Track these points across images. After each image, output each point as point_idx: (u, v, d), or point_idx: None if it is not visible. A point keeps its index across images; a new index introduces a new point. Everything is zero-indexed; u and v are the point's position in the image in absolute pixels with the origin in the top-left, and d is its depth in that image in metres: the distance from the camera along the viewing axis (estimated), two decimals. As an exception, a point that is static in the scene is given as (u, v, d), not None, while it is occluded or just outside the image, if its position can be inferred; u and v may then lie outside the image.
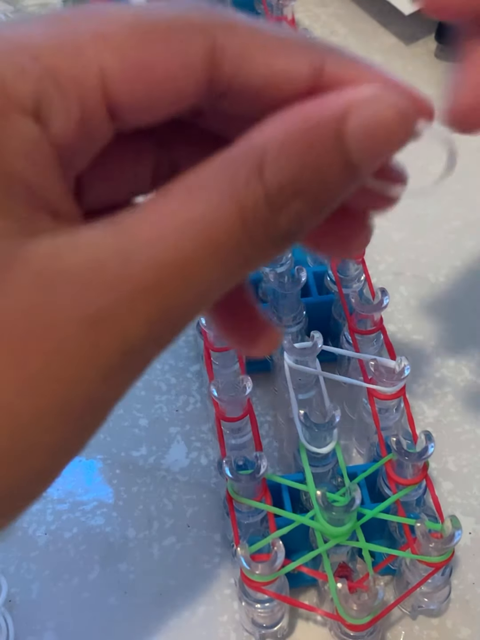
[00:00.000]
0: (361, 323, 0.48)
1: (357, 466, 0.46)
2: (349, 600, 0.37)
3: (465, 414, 0.52)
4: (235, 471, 0.41)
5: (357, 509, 0.39)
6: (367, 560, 0.40)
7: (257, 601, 0.41)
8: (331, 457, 0.43)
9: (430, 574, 0.40)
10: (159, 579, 0.47)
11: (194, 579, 0.47)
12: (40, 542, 0.48)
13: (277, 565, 0.38)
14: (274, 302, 0.49)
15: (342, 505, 0.39)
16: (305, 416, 0.42)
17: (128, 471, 0.51)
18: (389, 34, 0.74)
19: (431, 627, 0.45)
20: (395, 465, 0.42)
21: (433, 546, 0.39)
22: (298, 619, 0.45)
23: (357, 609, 0.37)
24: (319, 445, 0.43)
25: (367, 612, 0.38)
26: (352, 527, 0.40)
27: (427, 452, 0.41)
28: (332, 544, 0.40)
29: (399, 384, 0.44)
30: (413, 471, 0.42)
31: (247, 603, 0.41)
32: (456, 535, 0.39)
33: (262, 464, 0.41)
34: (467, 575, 0.46)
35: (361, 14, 0.76)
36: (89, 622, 0.46)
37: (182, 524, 0.49)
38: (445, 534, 0.39)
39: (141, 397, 0.54)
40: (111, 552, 0.48)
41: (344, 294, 0.49)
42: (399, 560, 0.42)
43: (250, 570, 0.38)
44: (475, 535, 0.48)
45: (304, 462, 0.42)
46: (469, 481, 0.50)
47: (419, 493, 0.43)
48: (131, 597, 0.46)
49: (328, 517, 0.40)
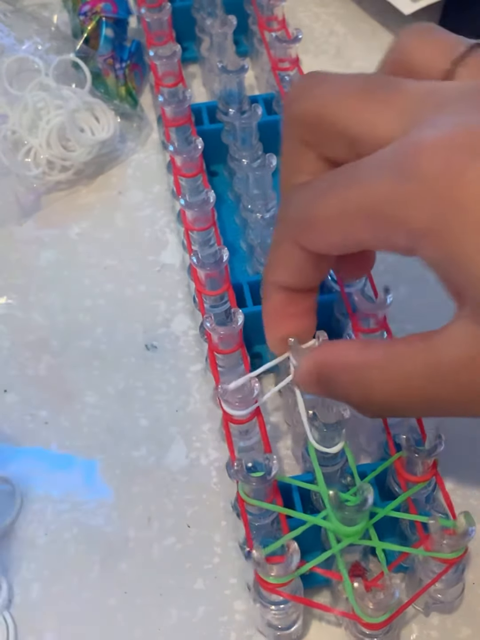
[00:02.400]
0: (364, 322, 0.48)
1: (366, 465, 0.46)
2: (365, 599, 0.38)
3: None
4: (247, 473, 0.41)
5: (369, 508, 0.40)
6: (382, 558, 0.40)
7: (272, 603, 0.41)
8: (340, 456, 0.43)
9: (445, 571, 0.40)
10: (159, 579, 0.47)
11: (194, 579, 0.46)
12: (40, 542, 0.48)
13: (293, 567, 0.38)
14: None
15: (354, 504, 0.39)
16: (314, 416, 0.42)
17: (128, 471, 0.51)
18: (389, 34, 0.75)
19: (431, 627, 0.45)
20: (405, 463, 0.42)
21: (447, 543, 0.39)
22: (312, 620, 0.45)
23: (373, 608, 0.38)
24: (327, 445, 0.43)
25: (384, 611, 0.38)
26: (364, 527, 0.40)
27: (437, 449, 0.41)
28: (345, 543, 0.40)
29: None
30: (423, 468, 0.42)
31: (262, 605, 0.41)
32: (470, 532, 0.39)
33: (273, 466, 0.41)
34: (467, 575, 0.46)
35: (361, 14, 0.76)
36: (89, 622, 0.45)
37: (182, 524, 0.49)
38: (459, 530, 0.39)
39: (141, 397, 0.54)
40: (111, 552, 0.48)
41: (347, 293, 0.49)
42: (412, 558, 0.42)
43: (265, 572, 0.38)
44: (476, 535, 0.47)
45: (314, 462, 0.42)
46: (469, 481, 0.50)
47: (429, 490, 0.43)
48: (131, 597, 0.46)
49: (340, 517, 0.40)
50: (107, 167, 0.66)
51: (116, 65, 0.67)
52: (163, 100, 0.58)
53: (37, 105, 0.64)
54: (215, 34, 0.64)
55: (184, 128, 0.59)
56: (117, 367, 0.55)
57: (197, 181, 0.55)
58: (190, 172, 0.55)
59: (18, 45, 0.66)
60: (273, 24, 0.66)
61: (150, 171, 0.66)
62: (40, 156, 0.63)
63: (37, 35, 0.66)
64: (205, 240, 0.53)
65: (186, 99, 0.58)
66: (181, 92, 0.59)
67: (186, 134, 0.59)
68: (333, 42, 0.75)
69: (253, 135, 0.58)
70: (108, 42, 0.67)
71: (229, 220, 0.60)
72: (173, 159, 0.55)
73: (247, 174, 0.55)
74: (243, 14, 0.70)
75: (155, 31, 0.65)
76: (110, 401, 0.54)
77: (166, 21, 0.65)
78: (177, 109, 0.58)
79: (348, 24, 0.76)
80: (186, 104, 0.58)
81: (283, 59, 0.63)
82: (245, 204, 0.55)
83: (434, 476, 0.43)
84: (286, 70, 0.62)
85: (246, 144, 0.58)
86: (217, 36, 0.64)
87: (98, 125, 0.65)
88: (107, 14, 0.67)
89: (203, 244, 0.53)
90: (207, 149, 0.61)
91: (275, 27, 0.66)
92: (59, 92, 0.64)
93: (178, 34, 0.70)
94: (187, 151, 0.55)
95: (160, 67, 0.62)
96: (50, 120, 0.63)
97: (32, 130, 0.63)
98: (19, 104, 0.63)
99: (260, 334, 0.51)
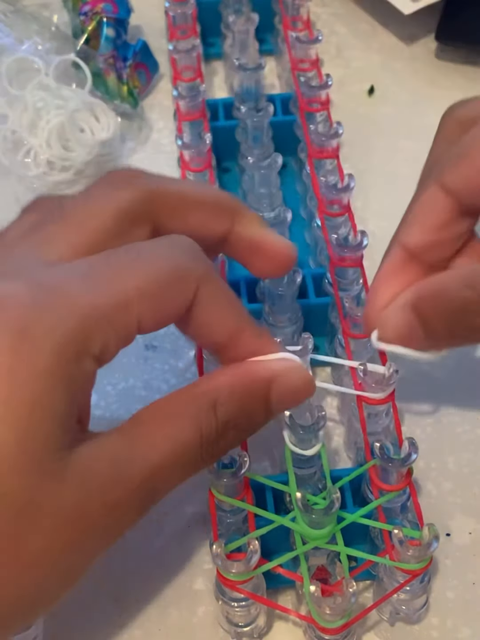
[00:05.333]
0: (356, 327, 0.48)
1: (342, 470, 0.45)
2: (322, 603, 0.37)
3: (465, 414, 0.52)
4: (218, 469, 0.41)
5: (336, 512, 0.39)
6: (344, 563, 0.40)
7: (233, 600, 0.41)
8: (317, 459, 0.43)
9: (407, 581, 0.40)
10: (159, 579, 0.47)
11: (194, 579, 0.46)
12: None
13: (251, 565, 0.38)
14: (269, 303, 0.49)
15: (321, 508, 0.39)
16: (290, 418, 0.42)
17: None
18: (389, 34, 0.74)
19: (431, 627, 0.44)
20: (380, 470, 0.42)
21: (411, 554, 0.39)
22: (276, 620, 0.45)
23: (330, 612, 0.37)
24: (304, 447, 0.42)
25: (341, 616, 0.37)
26: (331, 531, 0.40)
27: (410, 459, 0.41)
28: (310, 546, 0.40)
29: (388, 390, 0.44)
30: (397, 477, 0.42)
31: (223, 601, 0.41)
32: (433, 544, 0.39)
33: (244, 463, 0.41)
34: (467, 575, 0.46)
35: (361, 14, 0.76)
36: (89, 622, 0.46)
37: (182, 524, 0.49)
38: (423, 541, 0.39)
39: (141, 397, 0.54)
40: (111, 552, 0.48)
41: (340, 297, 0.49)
42: (380, 567, 0.42)
43: (225, 569, 0.38)
44: (475, 535, 0.47)
45: (288, 464, 0.42)
46: (469, 481, 0.50)
47: (403, 499, 0.43)
48: (131, 597, 0.46)
49: (308, 520, 0.39)
50: (107, 167, 0.65)
51: (118, 64, 0.67)
52: (177, 94, 0.59)
53: (37, 105, 0.64)
54: (237, 30, 0.64)
55: (198, 123, 0.59)
56: (116, 367, 0.55)
57: (204, 176, 0.56)
58: (198, 166, 0.55)
59: (18, 45, 0.66)
60: (298, 24, 0.66)
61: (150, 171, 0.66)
62: (40, 156, 0.64)
63: (37, 35, 0.66)
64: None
65: (200, 93, 0.58)
66: (196, 86, 0.59)
67: (199, 129, 0.59)
68: (333, 42, 0.74)
69: (264, 133, 0.58)
70: (109, 42, 0.67)
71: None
72: (182, 153, 0.56)
73: (253, 172, 0.55)
74: (271, 13, 0.70)
75: (178, 25, 0.66)
76: (110, 401, 0.54)
77: (190, 15, 0.65)
78: (191, 103, 0.58)
79: (348, 24, 0.75)
80: (200, 99, 0.58)
81: (303, 59, 0.63)
82: (251, 202, 0.55)
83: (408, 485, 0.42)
84: (305, 71, 0.62)
85: (257, 142, 0.58)
86: (239, 33, 0.64)
87: (98, 125, 0.65)
88: (107, 14, 0.67)
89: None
90: (221, 145, 0.61)
91: (300, 27, 0.66)
92: (59, 92, 0.64)
93: (204, 29, 0.70)
94: (195, 146, 0.55)
95: (179, 60, 0.62)
96: (50, 120, 0.63)
97: (32, 130, 0.64)
98: (19, 104, 0.64)
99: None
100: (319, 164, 0.57)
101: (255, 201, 0.55)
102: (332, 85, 0.59)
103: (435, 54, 0.72)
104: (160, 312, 0.36)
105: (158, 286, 0.35)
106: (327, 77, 0.59)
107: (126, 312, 0.34)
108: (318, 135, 0.56)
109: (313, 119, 0.59)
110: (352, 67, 0.72)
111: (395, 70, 0.72)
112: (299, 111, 0.60)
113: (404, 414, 0.52)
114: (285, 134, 0.61)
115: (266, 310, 0.49)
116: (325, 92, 0.59)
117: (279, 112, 0.63)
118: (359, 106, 0.70)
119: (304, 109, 0.59)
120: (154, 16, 0.72)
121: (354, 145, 0.66)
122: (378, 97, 0.70)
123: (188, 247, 0.37)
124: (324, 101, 0.59)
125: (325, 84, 0.59)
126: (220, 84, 0.72)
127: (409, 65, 0.72)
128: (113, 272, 0.34)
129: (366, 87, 0.71)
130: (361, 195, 0.62)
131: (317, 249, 0.56)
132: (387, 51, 0.73)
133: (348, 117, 0.66)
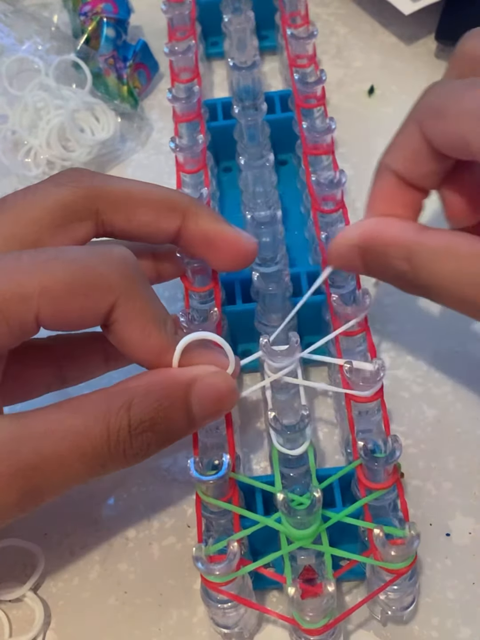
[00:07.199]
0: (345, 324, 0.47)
1: (331, 469, 0.45)
2: (302, 604, 0.37)
3: (465, 414, 0.52)
4: (204, 470, 0.41)
5: (319, 511, 0.39)
6: (329, 564, 0.39)
7: (218, 601, 0.40)
8: (307, 459, 0.43)
9: (392, 581, 0.39)
10: (159, 579, 0.47)
11: (194, 579, 0.46)
12: (40, 542, 0.48)
13: (232, 566, 0.38)
14: (261, 301, 0.49)
15: (304, 508, 0.39)
16: (275, 418, 0.42)
17: (128, 471, 0.51)
18: (389, 34, 0.74)
19: (431, 627, 0.44)
20: (365, 469, 0.42)
21: (394, 553, 0.38)
22: (265, 621, 0.45)
23: (311, 613, 0.37)
24: (292, 447, 0.42)
25: (322, 616, 0.37)
26: (316, 530, 0.40)
27: (394, 456, 0.40)
28: (294, 546, 0.40)
29: (376, 386, 0.43)
30: (383, 475, 0.41)
31: (208, 604, 0.41)
32: (414, 542, 0.38)
33: (226, 464, 0.40)
34: (467, 575, 0.46)
35: (361, 14, 0.75)
36: (89, 622, 0.46)
37: (182, 524, 0.49)
38: (405, 539, 0.39)
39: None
40: (111, 552, 0.48)
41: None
42: (367, 566, 0.41)
43: (205, 571, 0.38)
44: (475, 535, 0.47)
45: (275, 464, 0.42)
46: (469, 481, 0.49)
47: (392, 497, 0.43)
48: (131, 597, 0.46)
49: (292, 520, 0.39)
50: (107, 167, 0.66)
51: (118, 64, 0.68)
52: (171, 96, 0.59)
53: (37, 105, 0.64)
54: (234, 29, 0.64)
55: (194, 124, 0.59)
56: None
57: (199, 178, 0.55)
58: (192, 168, 0.55)
59: (18, 45, 0.66)
60: (297, 20, 0.66)
61: (150, 171, 0.66)
62: (40, 156, 0.64)
63: (37, 35, 0.67)
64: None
65: (194, 94, 0.58)
66: (191, 87, 0.59)
67: (196, 129, 0.59)
68: (333, 42, 0.74)
69: (259, 132, 0.58)
70: (109, 42, 0.67)
71: (235, 216, 0.60)
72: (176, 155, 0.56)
73: (247, 171, 0.55)
74: (272, 9, 0.69)
75: (177, 26, 0.66)
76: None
77: (188, 16, 0.65)
78: (186, 105, 0.58)
79: (348, 24, 0.75)
80: (194, 100, 0.58)
81: (300, 55, 0.63)
82: (246, 201, 0.55)
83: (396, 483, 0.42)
84: (303, 67, 0.62)
85: (253, 140, 0.58)
86: (236, 32, 0.64)
87: (98, 125, 0.66)
88: (107, 14, 0.67)
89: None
90: (220, 145, 0.61)
91: (299, 22, 0.66)
92: (59, 92, 0.65)
93: (206, 29, 0.70)
94: (189, 147, 0.55)
95: (175, 62, 0.62)
96: (50, 120, 0.64)
97: (32, 130, 0.64)
98: (19, 104, 0.64)
99: (246, 332, 0.51)
100: (316, 161, 0.56)
101: (251, 200, 0.55)
102: (326, 80, 0.59)
103: (435, 54, 0.71)
104: (64, 312, 0.36)
105: (64, 287, 0.36)
106: (321, 72, 0.59)
107: (22, 305, 0.35)
108: (312, 132, 0.55)
109: (311, 116, 0.59)
110: (352, 67, 0.72)
111: (395, 70, 0.71)
112: (295, 107, 0.59)
113: (404, 414, 0.52)
114: (284, 131, 0.61)
115: (258, 309, 0.49)
116: (321, 87, 0.59)
117: (278, 110, 0.62)
118: (359, 106, 0.69)
119: (299, 105, 0.59)
120: (154, 16, 0.72)
121: (354, 145, 0.66)
122: (378, 97, 0.70)
123: (117, 260, 0.38)
124: (319, 97, 0.59)
125: (320, 79, 0.59)
126: (222, 83, 0.72)
127: (409, 65, 0.71)
128: (20, 266, 0.36)
129: (366, 87, 0.70)
130: (361, 195, 0.61)
131: (313, 246, 0.56)
132: (387, 51, 0.72)
133: (348, 117, 0.66)
